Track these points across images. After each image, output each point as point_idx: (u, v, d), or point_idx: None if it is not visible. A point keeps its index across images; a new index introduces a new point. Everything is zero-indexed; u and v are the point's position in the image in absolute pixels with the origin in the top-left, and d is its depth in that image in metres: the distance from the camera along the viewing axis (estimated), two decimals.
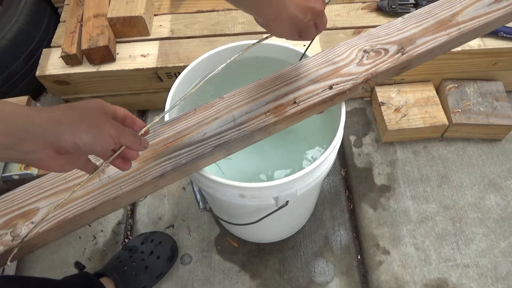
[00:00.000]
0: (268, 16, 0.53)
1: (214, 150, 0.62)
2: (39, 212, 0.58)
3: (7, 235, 0.56)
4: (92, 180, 0.60)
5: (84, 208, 0.57)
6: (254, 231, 0.99)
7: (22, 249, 0.56)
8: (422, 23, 0.73)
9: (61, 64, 1.13)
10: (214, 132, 0.63)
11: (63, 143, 0.41)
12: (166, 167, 0.60)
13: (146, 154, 0.62)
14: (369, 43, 0.72)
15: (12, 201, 0.59)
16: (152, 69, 1.14)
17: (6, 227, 0.57)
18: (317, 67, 0.70)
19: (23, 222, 0.57)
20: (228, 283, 1.00)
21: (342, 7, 1.27)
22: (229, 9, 1.28)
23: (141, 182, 0.59)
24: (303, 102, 0.66)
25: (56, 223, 0.56)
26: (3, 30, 1.22)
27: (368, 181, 1.15)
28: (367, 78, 0.67)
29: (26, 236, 0.54)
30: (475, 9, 0.74)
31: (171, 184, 0.64)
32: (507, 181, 1.13)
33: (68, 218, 0.57)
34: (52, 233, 0.58)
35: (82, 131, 0.42)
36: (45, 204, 0.59)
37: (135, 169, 0.60)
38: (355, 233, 1.07)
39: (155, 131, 0.65)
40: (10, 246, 0.55)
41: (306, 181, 0.71)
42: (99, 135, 0.43)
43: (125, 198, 0.60)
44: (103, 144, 0.44)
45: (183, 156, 0.61)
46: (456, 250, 1.03)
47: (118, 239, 1.08)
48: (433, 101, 1.19)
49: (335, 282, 1.00)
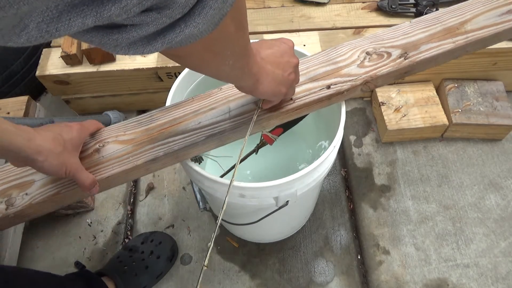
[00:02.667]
0: (250, 82, 0.53)
1: (207, 140, 0.63)
2: (34, 184, 0.60)
3: (2, 204, 0.58)
4: (87, 159, 0.62)
5: (76, 184, 0.59)
6: (254, 231, 0.99)
7: (16, 218, 0.59)
8: (429, 29, 0.72)
9: (61, 64, 1.13)
10: (209, 122, 0.64)
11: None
12: (158, 152, 0.62)
13: (141, 137, 0.64)
14: (372, 45, 0.71)
15: (10, 171, 0.62)
16: (152, 69, 1.14)
17: (1, 196, 0.59)
18: (317, 66, 0.70)
19: (18, 192, 0.59)
20: (228, 283, 1.00)
21: (342, 7, 1.27)
22: None
23: (133, 164, 0.61)
24: (299, 99, 0.66)
25: (49, 196, 0.59)
26: None
27: (368, 181, 1.15)
28: (366, 81, 0.67)
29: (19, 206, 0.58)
30: (486, 19, 0.72)
31: (163, 168, 0.65)
32: (507, 181, 1.13)
33: (60, 193, 0.59)
34: (45, 205, 0.60)
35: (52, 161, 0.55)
36: (40, 177, 0.61)
37: (128, 151, 0.62)
38: (355, 233, 1.07)
39: (152, 116, 0.66)
40: (3, 214, 0.58)
41: (306, 181, 0.71)
42: (59, 168, 0.55)
43: (116, 179, 0.61)
44: (58, 174, 0.56)
45: (176, 142, 0.62)
46: (456, 250, 1.03)
47: (118, 239, 1.08)
48: (433, 101, 1.19)
49: (335, 282, 1.00)
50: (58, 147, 0.55)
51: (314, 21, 1.24)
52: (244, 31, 0.43)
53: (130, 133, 0.65)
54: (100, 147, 0.63)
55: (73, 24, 0.25)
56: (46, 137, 0.54)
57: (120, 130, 0.66)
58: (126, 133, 0.65)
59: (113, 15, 0.26)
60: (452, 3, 1.25)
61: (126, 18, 0.28)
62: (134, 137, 0.64)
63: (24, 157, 0.52)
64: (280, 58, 0.55)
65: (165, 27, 0.32)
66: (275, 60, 0.54)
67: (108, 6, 0.26)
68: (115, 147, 0.63)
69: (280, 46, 0.56)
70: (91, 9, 0.25)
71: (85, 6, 0.25)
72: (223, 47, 0.41)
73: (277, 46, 0.55)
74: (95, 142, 0.64)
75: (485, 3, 0.75)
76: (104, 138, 0.65)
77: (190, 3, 0.31)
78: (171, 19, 0.31)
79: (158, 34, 0.32)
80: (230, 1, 0.34)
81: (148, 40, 0.32)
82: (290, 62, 0.56)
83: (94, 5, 0.26)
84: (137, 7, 0.28)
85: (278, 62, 0.54)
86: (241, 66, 0.48)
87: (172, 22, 0.32)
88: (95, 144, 0.64)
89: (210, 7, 0.32)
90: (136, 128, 0.65)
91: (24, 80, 1.28)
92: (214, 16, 0.34)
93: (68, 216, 1.11)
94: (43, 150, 0.53)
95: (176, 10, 0.31)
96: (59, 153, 0.55)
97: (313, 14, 1.25)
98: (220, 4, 0.33)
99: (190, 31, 0.33)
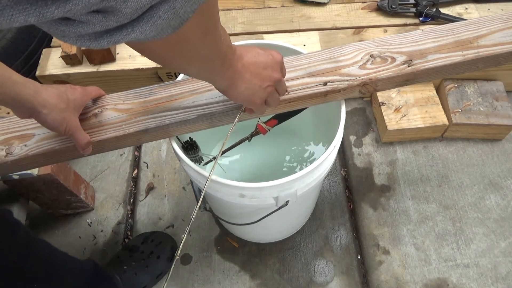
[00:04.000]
0: (223, 85, 0.53)
1: (198, 119, 0.65)
2: (34, 138, 0.65)
3: (2, 151, 0.64)
4: (85, 121, 0.65)
5: (70, 143, 0.63)
6: (254, 231, 0.99)
7: (12, 166, 0.64)
8: (441, 39, 0.71)
9: (61, 64, 1.13)
10: (203, 102, 0.66)
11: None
12: (150, 124, 0.65)
13: (137, 108, 0.67)
14: (378, 49, 0.70)
15: (15, 123, 0.66)
16: (152, 69, 1.14)
17: (3, 144, 0.65)
18: (319, 62, 0.70)
19: (18, 143, 0.65)
20: (228, 283, 1.00)
21: (342, 7, 1.27)
22: (229, 9, 1.28)
23: (124, 132, 0.64)
24: (294, 91, 0.66)
25: (44, 151, 0.63)
26: (3, 30, 1.22)
27: (368, 181, 1.15)
28: (365, 82, 0.67)
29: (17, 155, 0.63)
30: (503, 36, 0.70)
31: (154, 141, 0.69)
32: (507, 181, 1.13)
33: (55, 148, 0.64)
34: (39, 158, 0.64)
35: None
36: (40, 132, 0.65)
37: (123, 119, 0.66)
38: (355, 233, 1.07)
39: (151, 90, 0.69)
40: (2, 160, 0.63)
41: (306, 181, 0.71)
42: (61, 123, 0.58)
43: (107, 144, 0.65)
44: (58, 130, 0.59)
45: (168, 117, 0.65)
46: (456, 250, 1.03)
47: (118, 239, 1.08)
48: (433, 101, 1.19)
49: (335, 282, 1.00)
50: (62, 104, 0.58)
51: (314, 21, 1.24)
52: (213, 36, 0.43)
53: (128, 103, 0.68)
54: (98, 112, 0.67)
55: (15, 20, 0.25)
56: (52, 93, 0.57)
57: (120, 99, 0.69)
58: (124, 102, 0.68)
59: (56, 16, 0.26)
60: (453, 3, 1.26)
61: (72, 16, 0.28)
62: (131, 107, 0.67)
63: (29, 108, 0.55)
64: (262, 70, 0.54)
65: (112, 28, 0.32)
66: (256, 70, 0.53)
67: (51, 9, 0.26)
68: (112, 114, 0.67)
69: (267, 58, 0.55)
70: (34, 9, 0.25)
71: (28, 4, 0.25)
72: (186, 50, 0.41)
73: (263, 57, 0.55)
74: (95, 107, 0.68)
75: (505, 21, 0.72)
76: (104, 105, 0.69)
77: (138, 12, 0.31)
78: (118, 23, 0.32)
79: (105, 33, 0.33)
80: (182, 13, 0.34)
81: (95, 37, 0.33)
82: (272, 76, 0.55)
83: (38, 5, 0.25)
84: (82, 11, 0.28)
85: (258, 72, 0.54)
86: (212, 69, 0.48)
87: (119, 25, 0.32)
88: (95, 109, 0.68)
89: (159, 17, 0.32)
90: (135, 99, 0.69)
91: None
92: (164, 25, 0.33)
93: (68, 216, 1.11)
94: (48, 104, 0.56)
95: (122, 17, 0.31)
96: (62, 110, 0.58)
97: (313, 14, 1.26)
98: (170, 15, 0.33)
99: (137, 36, 0.33)
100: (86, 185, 1.10)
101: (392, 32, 1.20)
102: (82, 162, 1.21)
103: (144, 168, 1.20)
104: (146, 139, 0.67)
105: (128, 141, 0.66)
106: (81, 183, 1.08)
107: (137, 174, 1.19)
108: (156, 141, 1.20)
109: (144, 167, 1.20)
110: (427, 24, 1.22)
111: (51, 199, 1.01)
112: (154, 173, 1.19)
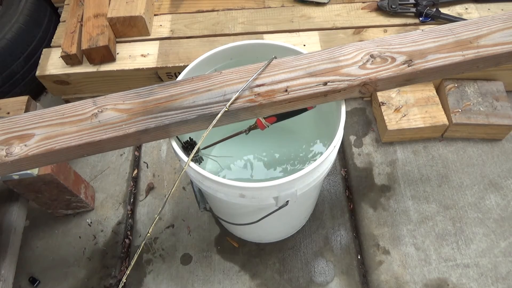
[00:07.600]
0: None
1: (197, 119, 0.65)
2: (33, 138, 0.64)
3: (3, 151, 0.63)
4: (85, 121, 0.65)
5: (70, 143, 0.63)
6: (254, 231, 0.99)
7: (13, 166, 0.63)
8: (441, 39, 0.71)
9: (61, 64, 1.13)
10: (203, 102, 0.66)
11: None
12: (150, 124, 0.65)
13: (137, 108, 0.67)
14: (378, 49, 0.70)
15: (15, 123, 0.66)
16: (152, 69, 1.14)
17: (3, 144, 0.64)
18: (319, 62, 0.70)
19: (18, 143, 0.64)
20: (228, 283, 1.00)
21: (342, 7, 1.27)
22: (229, 9, 1.28)
23: (124, 132, 0.64)
24: (294, 91, 0.66)
25: (44, 151, 0.63)
26: (3, 30, 1.22)
27: (368, 181, 1.15)
28: (365, 82, 0.67)
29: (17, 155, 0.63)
30: (503, 36, 0.70)
31: (154, 141, 0.69)
32: (507, 181, 1.13)
33: (55, 148, 0.63)
34: (39, 159, 0.64)
35: None
36: (40, 132, 0.65)
37: (123, 119, 0.66)
38: (355, 233, 1.07)
39: (151, 90, 0.69)
40: (2, 160, 0.62)
41: (306, 181, 0.71)
42: None
43: (108, 144, 0.65)
44: None
45: (168, 117, 0.65)
46: (456, 250, 1.03)
47: (118, 239, 1.08)
48: (433, 101, 1.19)
49: (335, 282, 1.00)
50: None
51: (314, 21, 1.24)
52: None
53: (128, 102, 0.68)
54: (98, 112, 0.67)
55: None
56: None
57: (120, 99, 0.69)
58: (124, 102, 0.68)
59: None
60: (453, 3, 1.26)
61: None
62: (131, 107, 0.67)
63: None
64: None
65: None
66: None
67: None
68: (112, 114, 0.67)
69: None
70: None
71: None
72: None
73: None
74: (95, 107, 0.68)
75: (505, 21, 0.72)
76: (104, 105, 0.68)
77: None
78: None
79: None
80: None
81: None
82: None
83: None
84: None
85: None
86: None
87: None
88: (95, 109, 0.67)
89: None
90: (135, 99, 0.68)
91: (24, 80, 1.28)
92: None
93: (68, 216, 1.11)
94: None
95: None
96: None
97: (313, 14, 1.26)
98: None
99: None
100: (86, 185, 1.10)
101: (392, 32, 1.20)
102: (82, 162, 1.21)
103: (144, 168, 1.20)
104: (146, 139, 0.67)
105: (128, 141, 0.67)
106: (81, 183, 1.08)
107: (137, 174, 1.19)
108: (156, 141, 1.21)
109: (144, 167, 1.20)
110: (427, 24, 1.22)
111: (51, 199, 1.01)
112: (154, 173, 1.19)
